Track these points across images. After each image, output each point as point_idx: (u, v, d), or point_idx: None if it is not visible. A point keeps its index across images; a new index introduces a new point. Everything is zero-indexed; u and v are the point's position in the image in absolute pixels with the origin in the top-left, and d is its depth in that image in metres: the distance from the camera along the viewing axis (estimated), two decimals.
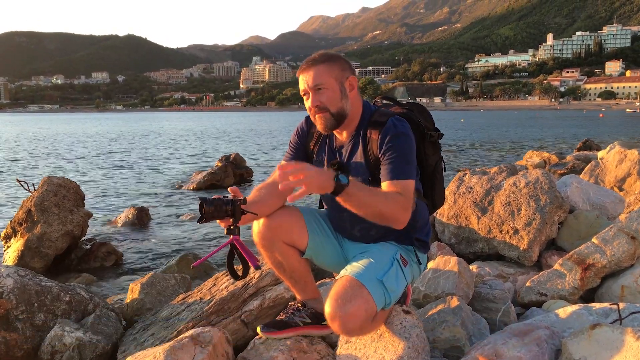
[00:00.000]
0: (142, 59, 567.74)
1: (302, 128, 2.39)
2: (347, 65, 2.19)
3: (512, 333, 2.11)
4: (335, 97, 2.12)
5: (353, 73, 2.20)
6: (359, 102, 2.22)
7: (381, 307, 2.03)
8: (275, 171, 2.40)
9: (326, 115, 2.14)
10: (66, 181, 6.16)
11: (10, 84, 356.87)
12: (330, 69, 2.12)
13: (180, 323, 2.90)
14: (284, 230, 2.24)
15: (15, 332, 3.02)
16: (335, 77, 2.12)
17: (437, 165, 2.34)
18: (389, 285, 2.05)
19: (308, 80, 2.11)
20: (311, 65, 2.12)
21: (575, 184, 4.61)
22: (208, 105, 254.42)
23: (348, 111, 2.16)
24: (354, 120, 2.21)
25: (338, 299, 1.93)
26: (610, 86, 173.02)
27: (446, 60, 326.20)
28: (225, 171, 12.99)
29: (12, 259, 5.61)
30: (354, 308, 1.91)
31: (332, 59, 2.15)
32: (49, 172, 16.55)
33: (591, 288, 3.17)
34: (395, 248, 2.22)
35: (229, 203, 1.95)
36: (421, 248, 2.32)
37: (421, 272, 2.39)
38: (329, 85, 2.11)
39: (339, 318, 1.91)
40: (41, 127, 62.51)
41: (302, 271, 2.36)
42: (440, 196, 2.41)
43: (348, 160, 2.22)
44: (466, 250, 4.29)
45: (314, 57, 2.16)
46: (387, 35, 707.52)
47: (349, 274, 2.03)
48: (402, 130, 2.11)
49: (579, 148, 15.71)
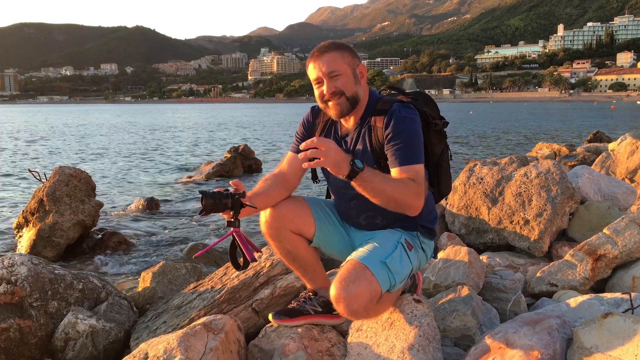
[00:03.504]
0: (151, 50, 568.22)
1: (307, 119, 2.41)
2: (356, 54, 2.23)
3: (523, 322, 2.11)
4: (350, 82, 2.15)
5: (362, 61, 2.24)
6: (367, 90, 2.25)
7: (386, 288, 2.05)
8: (282, 162, 2.41)
9: (342, 100, 2.15)
10: (77, 171, 6.21)
11: (20, 75, 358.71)
12: (342, 55, 2.15)
13: (192, 311, 2.93)
14: (291, 219, 2.26)
15: (29, 319, 3.05)
16: (348, 63, 2.16)
17: (443, 154, 2.35)
18: (393, 267, 2.07)
19: (322, 67, 2.13)
20: (324, 52, 2.14)
21: (586, 174, 4.59)
22: (216, 97, 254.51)
23: (361, 96, 2.19)
24: (362, 107, 2.23)
25: (342, 280, 1.97)
26: (622, 78, 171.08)
27: (455, 51, 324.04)
28: (234, 162, 13.03)
29: (25, 248, 5.68)
30: (357, 289, 1.95)
31: (343, 47, 2.19)
32: (60, 162, 16.67)
33: (602, 279, 3.16)
34: (400, 233, 2.24)
35: (229, 196, 1.98)
36: (426, 234, 2.33)
37: (428, 259, 2.39)
38: (343, 70, 2.14)
39: (343, 299, 1.95)
40: (51, 118, 62.85)
41: (311, 260, 2.39)
42: (447, 185, 2.41)
43: (353, 147, 2.23)
44: (476, 240, 4.29)
45: (325, 44, 2.18)
46: (396, 26, 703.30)
47: (353, 257, 2.06)
48: (406, 114, 2.12)
49: (590, 140, 15.55)
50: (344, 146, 2.25)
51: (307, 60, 2.22)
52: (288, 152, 2.44)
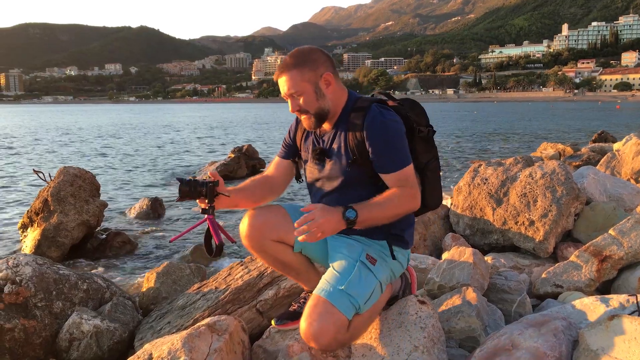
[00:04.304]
0: (155, 50, 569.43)
1: (292, 125, 2.43)
2: (320, 61, 2.15)
3: (529, 323, 2.10)
4: (311, 100, 2.14)
5: (328, 68, 2.17)
6: (340, 94, 2.21)
7: (352, 313, 2.04)
8: (269, 166, 2.45)
9: (308, 117, 2.18)
10: (82, 171, 6.22)
11: (24, 75, 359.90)
12: (301, 73, 2.11)
13: (196, 312, 2.93)
14: (269, 228, 2.25)
15: (34, 319, 3.06)
16: (308, 80, 2.12)
17: (430, 163, 2.28)
18: (352, 291, 2.06)
19: (283, 87, 2.14)
20: (284, 71, 2.13)
21: (592, 175, 4.57)
22: (220, 97, 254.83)
23: (328, 108, 2.18)
24: (337, 112, 2.21)
25: (307, 318, 2.01)
26: (627, 77, 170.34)
27: (459, 51, 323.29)
28: (237, 162, 13.03)
29: (29, 248, 5.69)
30: (322, 324, 1.98)
31: (304, 62, 2.12)
32: (64, 162, 16.72)
33: (608, 280, 3.14)
34: (361, 248, 2.20)
35: (204, 184, 2.12)
36: (398, 242, 2.27)
37: (404, 267, 2.33)
38: (303, 90, 2.12)
39: (312, 337, 1.99)
40: (56, 118, 63.04)
41: (301, 263, 2.37)
42: (434, 197, 2.33)
43: (330, 145, 2.23)
44: (481, 241, 4.27)
45: (286, 61, 2.15)
46: (400, 26, 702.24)
47: (315, 291, 2.09)
48: (387, 117, 2.11)
49: (595, 140, 15.49)
50: (321, 144, 2.26)
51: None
52: (275, 157, 2.48)
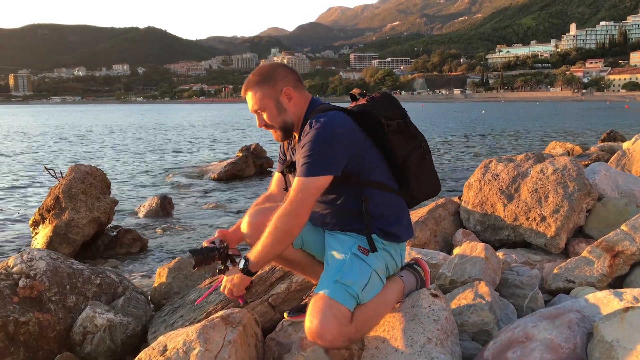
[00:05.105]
0: (162, 51, 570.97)
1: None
2: (279, 77, 2.23)
3: (543, 316, 2.10)
4: (274, 115, 2.24)
5: (288, 82, 2.23)
6: (301, 106, 2.26)
7: (352, 304, 2.06)
8: (271, 183, 2.53)
9: (274, 130, 2.29)
10: (93, 169, 6.26)
11: (33, 76, 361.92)
12: (262, 90, 2.21)
13: (208, 305, 2.95)
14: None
15: (48, 313, 3.09)
16: (269, 96, 2.21)
17: (411, 155, 2.26)
18: (347, 280, 2.07)
19: (249, 104, 2.26)
20: (247, 89, 2.26)
21: (603, 171, 4.55)
22: (227, 97, 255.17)
23: (291, 120, 2.25)
24: (300, 123, 2.27)
25: (309, 317, 2.03)
26: (635, 77, 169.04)
27: (466, 51, 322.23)
28: (245, 161, 13.08)
29: (41, 245, 5.73)
30: (322, 320, 1.99)
31: (264, 80, 2.22)
32: (75, 160, 16.82)
33: (620, 275, 3.13)
34: (353, 241, 2.22)
35: (215, 250, 2.23)
36: (387, 237, 2.25)
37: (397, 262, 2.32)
38: (265, 106, 2.22)
39: (317, 335, 2.01)
40: (65, 119, 63.38)
41: (303, 258, 2.38)
42: (422, 187, 2.33)
43: (291, 159, 2.32)
44: (492, 237, 4.27)
45: (250, 79, 2.26)
46: (407, 26, 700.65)
47: (315, 290, 2.12)
48: (317, 125, 2.10)
49: (603, 139, 15.41)
50: (289, 157, 2.37)
51: None
52: (275, 173, 2.53)
